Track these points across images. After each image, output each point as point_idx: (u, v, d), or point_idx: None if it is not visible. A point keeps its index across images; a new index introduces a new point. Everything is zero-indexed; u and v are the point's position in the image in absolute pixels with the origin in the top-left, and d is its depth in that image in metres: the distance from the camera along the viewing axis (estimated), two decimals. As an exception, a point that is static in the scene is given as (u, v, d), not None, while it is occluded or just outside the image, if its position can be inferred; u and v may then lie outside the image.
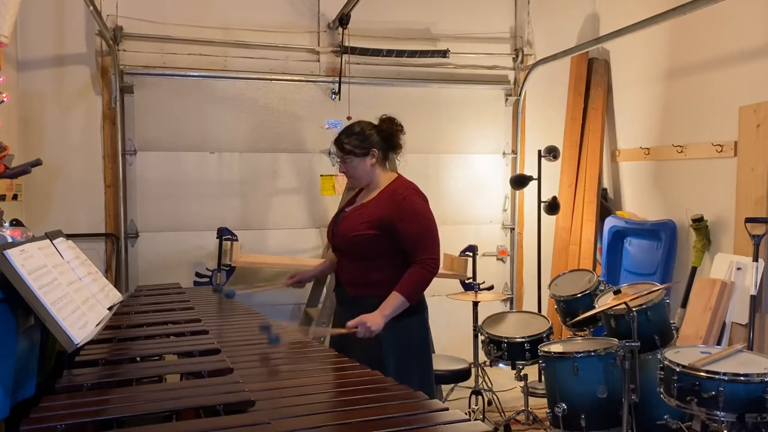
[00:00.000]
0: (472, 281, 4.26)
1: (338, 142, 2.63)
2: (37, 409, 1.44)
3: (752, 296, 3.68)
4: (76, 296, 1.83)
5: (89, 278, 2.17)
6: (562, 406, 3.10)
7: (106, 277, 3.36)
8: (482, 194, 5.31)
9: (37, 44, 4.34)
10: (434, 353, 2.75)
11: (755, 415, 2.57)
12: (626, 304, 3.06)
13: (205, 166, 4.68)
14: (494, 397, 4.00)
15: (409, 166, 4.85)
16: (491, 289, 4.40)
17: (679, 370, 2.71)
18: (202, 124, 4.66)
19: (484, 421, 3.80)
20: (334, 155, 4.73)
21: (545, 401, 3.32)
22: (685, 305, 4.14)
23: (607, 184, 5.42)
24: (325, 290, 4.49)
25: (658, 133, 4.78)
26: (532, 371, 3.94)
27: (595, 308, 3.43)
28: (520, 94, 5.31)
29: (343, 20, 4.63)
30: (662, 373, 2.83)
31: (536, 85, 5.33)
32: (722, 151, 4.10)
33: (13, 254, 1.60)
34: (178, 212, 4.62)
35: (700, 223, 4.18)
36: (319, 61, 4.92)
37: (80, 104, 4.45)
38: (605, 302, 3.36)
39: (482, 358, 3.94)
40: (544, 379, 3.32)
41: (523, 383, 3.77)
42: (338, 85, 4.84)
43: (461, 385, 4.18)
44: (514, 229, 5.38)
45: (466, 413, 2.56)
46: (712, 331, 3.81)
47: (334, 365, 1.92)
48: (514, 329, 3.83)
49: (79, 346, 1.63)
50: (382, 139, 2.62)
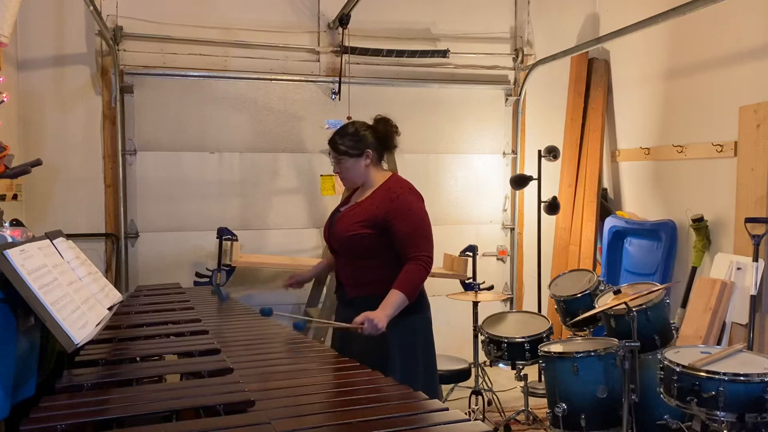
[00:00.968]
0: (472, 281, 4.26)
1: (332, 142, 2.62)
2: (37, 409, 1.44)
3: (752, 296, 3.68)
4: (76, 296, 1.83)
5: (89, 278, 2.17)
6: (562, 406, 3.10)
7: (106, 277, 3.36)
8: (482, 194, 5.31)
9: (37, 44, 4.34)
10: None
11: (755, 415, 2.57)
12: (626, 304, 3.06)
13: (205, 166, 4.68)
14: (494, 397, 4.00)
15: (409, 166, 4.93)
16: (491, 289, 4.40)
17: (679, 370, 2.71)
18: (202, 124, 4.66)
19: (484, 421, 3.80)
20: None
21: (545, 401, 3.32)
22: (685, 305, 4.14)
23: (607, 184, 5.42)
24: (325, 290, 4.49)
25: (658, 133, 4.78)
26: (532, 371, 3.94)
27: (595, 308, 3.43)
28: (520, 94, 5.31)
29: (343, 20, 4.64)
30: (662, 373, 2.82)
31: (536, 85, 5.33)
32: (722, 151, 4.10)
33: (13, 254, 1.59)
34: (178, 212, 4.62)
35: (700, 223, 4.18)
36: (319, 61, 4.92)
37: (80, 104, 4.45)
38: (605, 302, 3.36)
39: (482, 358, 3.94)
40: (544, 379, 3.32)
41: (523, 383, 3.76)
42: (338, 85, 4.84)
43: (461, 385, 4.18)
44: (514, 229, 5.38)
45: (466, 413, 2.56)
46: (712, 331, 3.81)
47: (334, 365, 1.92)
48: (514, 329, 3.82)
49: (79, 346, 1.63)
50: (376, 139, 2.61)
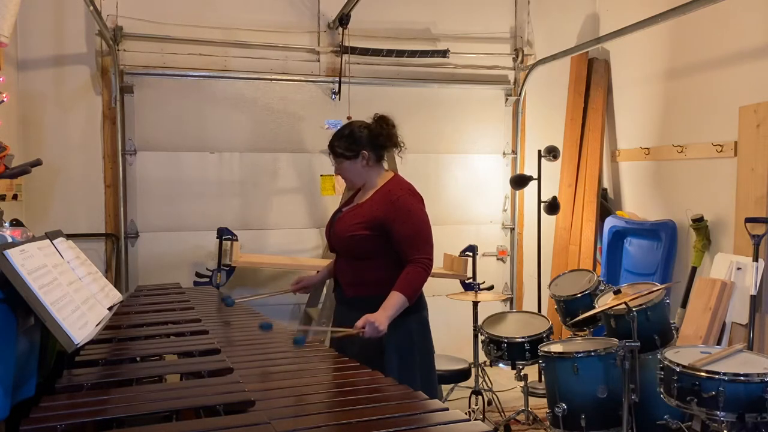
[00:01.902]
0: (472, 281, 4.26)
1: (330, 145, 2.63)
2: (37, 409, 1.44)
3: (752, 296, 3.68)
4: (76, 296, 1.83)
5: (89, 278, 2.17)
6: (562, 406, 3.10)
7: (106, 277, 3.36)
8: (482, 194, 5.31)
9: (37, 44, 4.34)
10: (434, 353, 2.75)
11: (755, 415, 2.57)
12: (626, 304, 3.06)
13: (205, 166, 4.68)
14: (494, 397, 4.00)
15: (409, 166, 4.91)
16: (491, 289, 4.40)
17: (679, 370, 2.71)
18: (202, 124, 4.66)
19: (484, 421, 3.80)
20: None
21: (545, 401, 3.32)
22: (685, 305, 4.14)
23: (607, 184, 5.42)
24: (325, 290, 4.49)
25: (658, 133, 4.78)
26: (532, 371, 3.94)
27: (595, 308, 3.43)
28: (520, 94, 5.31)
29: (343, 20, 4.63)
30: (662, 373, 2.82)
31: (536, 85, 5.33)
32: (722, 151, 4.10)
33: (13, 254, 1.59)
34: (178, 212, 4.62)
35: (700, 223, 4.18)
36: (319, 61, 4.92)
37: (80, 104, 4.45)
38: (605, 302, 3.36)
39: (482, 358, 3.94)
40: (544, 379, 3.32)
41: (523, 383, 3.77)
42: (338, 85, 4.84)
43: (461, 385, 4.18)
44: (514, 229, 5.38)
45: (466, 413, 2.56)
46: (712, 331, 3.81)
47: (334, 365, 1.92)
48: (514, 329, 3.82)
49: (79, 346, 1.63)
50: (372, 139, 2.59)
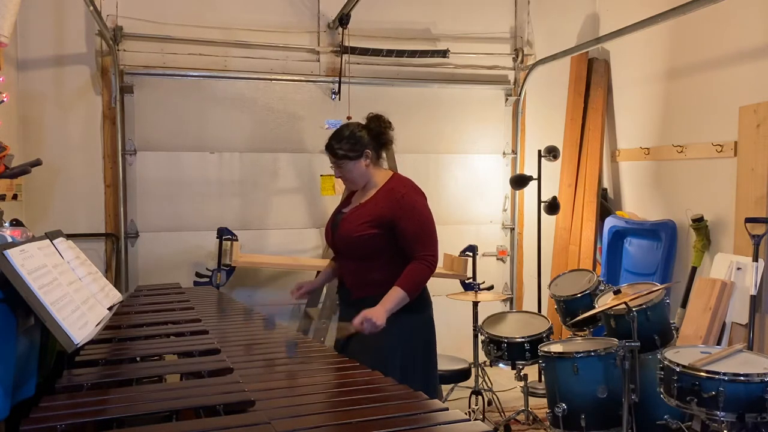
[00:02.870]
0: (472, 281, 4.27)
1: (330, 148, 2.61)
2: (37, 409, 1.44)
3: (752, 296, 3.68)
4: (76, 296, 1.83)
5: (89, 278, 2.17)
6: (562, 406, 3.10)
7: (106, 277, 3.35)
8: (482, 194, 5.31)
9: (37, 44, 4.34)
10: (437, 354, 2.74)
11: (755, 415, 2.57)
12: (626, 304, 3.06)
13: (205, 166, 4.68)
14: (494, 397, 4.00)
15: (409, 166, 4.92)
16: (491, 289, 4.40)
17: (679, 370, 2.71)
18: (202, 124, 4.66)
19: (484, 421, 3.80)
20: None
21: (545, 401, 3.32)
22: (685, 305, 4.13)
23: (607, 184, 5.42)
24: (325, 290, 4.49)
25: (658, 133, 4.78)
26: (532, 371, 3.94)
27: (595, 308, 3.43)
28: (520, 94, 5.31)
29: (343, 20, 4.63)
30: (662, 373, 2.82)
31: (536, 85, 5.33)
32: (722, 151, 4.10)
33: (13, 254, 1.59)
34: (178, 212, 4.62)
35: (700, 223, 4.18)
36: (319, 61, 4.92)
37: (80, 104, 4.45)
38: (605, 302, 3.36)
39: (482, 358, 3.94)
40: (544, 379, 3.32)
41: (523, 383, 3.76)
42: (338, 85, 4.84)
43: (461, 385, 4.18)
44: (514, 229, 5.38)
45: (466, 413, 2.56)
46: (712, 331, 3.81)
47: (334, 365, 1.92)
48: (514, 329, 3.82)
49: (79, 346, 1.63)
50: (372, 138, 2.61)
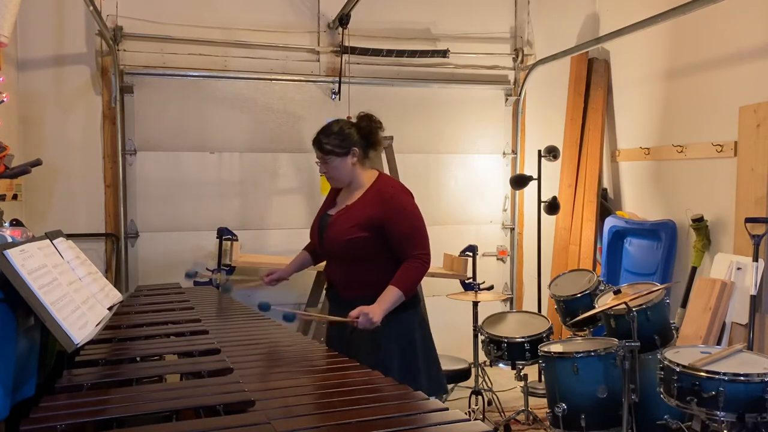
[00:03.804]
0: (472, 281, 4.26)
1: (317, 142, 2.60)
2: (37, 409, 1.44)
3: (752, 296, 3.68)
4: (76, 296, 1.83)
5: (89, 278, 2.17)
6: (562, 406, 3.10)
7: (106, 277, 3.35)
8: (482, 194, 5.31)
9: (37, 44, 4.34)
10: (435, 345, 2.75)
11: (755, 415, 2.57)
12: (626, 304, 3.06)
13: (205, 166, 4.68)
14: (494, 397, 4.00)
15: (409, 166, 4.93)
16: (491, 289, 4.39)
17: (679, 370, 2.71)
18: (202, 124, 4.66)
19: (484, 421, 3.80)
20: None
21: (545, 401, 3.32)
22: (685, 305, 4.13)
23: (607, 184, 5.42)
24: (324, 291, 4.49)
25: (658, 133, 4.78)
26: (532, 371, 3.94)
27: (595, 308, 3.43)
28: (520, 94, 5.31)
29: (343, 20, 4.64)
30: (662, 373, 2.82)
31: (536, 85, 5.33)
32: (722, 151, 4.10)
33: (13, 254, 1.59)
34: (178, 212, 4.62)
35: (700, 223, 4.18)
36: (319, 61, 4.92)
37: (80, 104, 4.45)
38: (605, 302, 3.36)
39: (482, 358, 3.94)
40: (544, 379, 3.32)
41: (523, 383, 3.76)
42: (338, 85, 4.84)
43: (461, 385, 4.19)
44: (514, 229, 5.38)
45: (466, 413, 2.56)
46: (712, 331, 3.81)
47: (334, 365, 1.92)
48: (514, 329, 3.82)
49: (79, 346, 1.63)
50: (361, 137, 2.60)
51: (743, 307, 3.76)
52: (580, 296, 3.80)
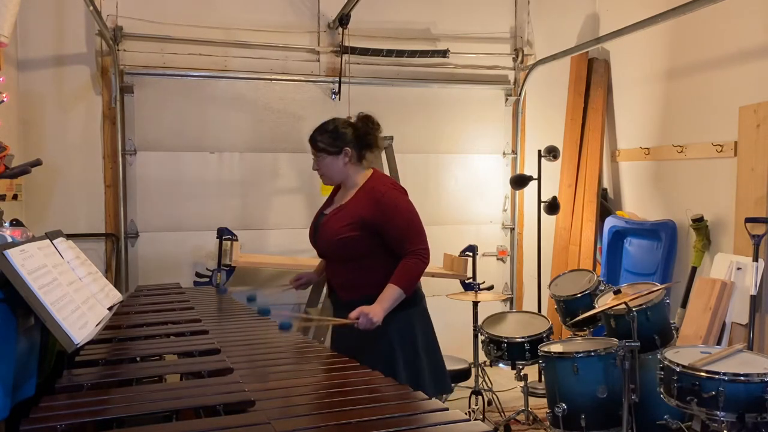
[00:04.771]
0: (472, 281, 4.26)
1: (312, 139, 2.61)
2: (37, 409, 1.44)
3: (752, 296, 3.68)
4: (76, 296, 1.83)
5: (89, 278, 2.17)
6: (562, 406, 3.10)
7: (106, 277, 3.35)
8: (482, 194, 5.31)
9: (37, 44, 4.34)
10: (438, 342, 2.74)
11: (755, 415, 2.57)
12: (626, 304, 3.06)
13: (205, 166, 4.68)
14: (494, 397, 4.00)
15: (409, 166, 4.93)
16: (491, 289, 4.40)
17: (679, 370, 2.71)
18: (202, 124, 4.66)
19: (484, 421, 3.80)
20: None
21: (545, 401, 3.32)
22: (685, 305, 4.14)
23: (607, 184, 5.42)
24: (325, 290, 4.49)
25: (658, 133, 4.78)
26: (532, 371, 3.94)
27: (595, 308, 3.43)
28: (520, 94, 5.31)
29: (343, 20, 4.64)
30: (662, 373, 2.82)
31: (536, 85, 5.34)
32: (722, 151, 4.10)
33: (13, 254, 1.59)
34: (178, 212, 4.62)
35: (700, 223, 4.18)
36: (319, 61, 4.92)
37: (80, 104, 4.45)
38: (605, 302, 3.36)
39: (482, 358, 3.94)
40: (544, 379, 3.32)
41: (523, 383, 3.76)
42: (338, 85, 4.84)
43: (461, 385, 4.18)
44: (514, 229, 5.38)
45: (466, 413, 2.56)
46: (712, 331, 3.81)
47: (334, 365, 1.92)
48: (514, 329, 3.83)
49: (79, 346, 1.63)
50: (356, 137, 2.59)
51: (743, 307, 3.76)
52: (580, 296, 3.80)
